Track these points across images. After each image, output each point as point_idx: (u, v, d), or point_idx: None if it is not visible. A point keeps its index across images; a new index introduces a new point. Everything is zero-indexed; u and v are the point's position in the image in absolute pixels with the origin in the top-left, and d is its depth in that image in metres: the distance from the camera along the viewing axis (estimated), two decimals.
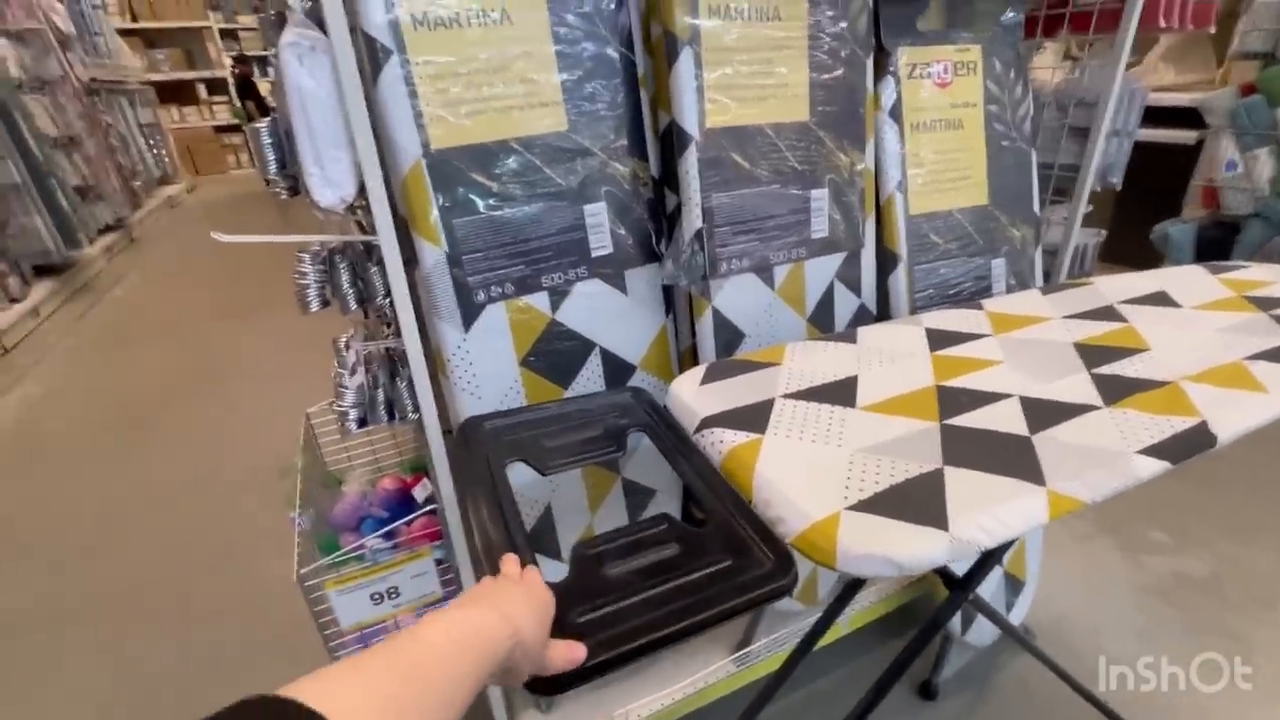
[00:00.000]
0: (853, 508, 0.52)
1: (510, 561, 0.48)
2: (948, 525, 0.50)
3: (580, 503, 0.97)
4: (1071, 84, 1.15)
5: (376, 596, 0.84)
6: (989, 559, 0.79)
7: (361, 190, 0.68)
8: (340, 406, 0.89)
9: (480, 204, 0.78)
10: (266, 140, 0.74)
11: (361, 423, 0.91)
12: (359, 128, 0.62)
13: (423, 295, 0.81)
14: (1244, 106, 1.96)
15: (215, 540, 1.71)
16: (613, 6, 0.80)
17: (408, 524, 0.98)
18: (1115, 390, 0.67)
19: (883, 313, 1.06)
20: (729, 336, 0.93)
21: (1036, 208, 1.12)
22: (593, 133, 0.83)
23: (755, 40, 0.84)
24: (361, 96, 0.62)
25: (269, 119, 0.74)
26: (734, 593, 0.44)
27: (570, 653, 0.42)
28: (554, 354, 0.88)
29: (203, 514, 1.83)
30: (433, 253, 0.77)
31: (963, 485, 0.54)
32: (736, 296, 0.92)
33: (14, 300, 3.10)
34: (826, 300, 1.00)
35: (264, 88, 5.86)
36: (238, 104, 6.01)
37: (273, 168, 0.75)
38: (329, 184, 0.64)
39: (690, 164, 0.83)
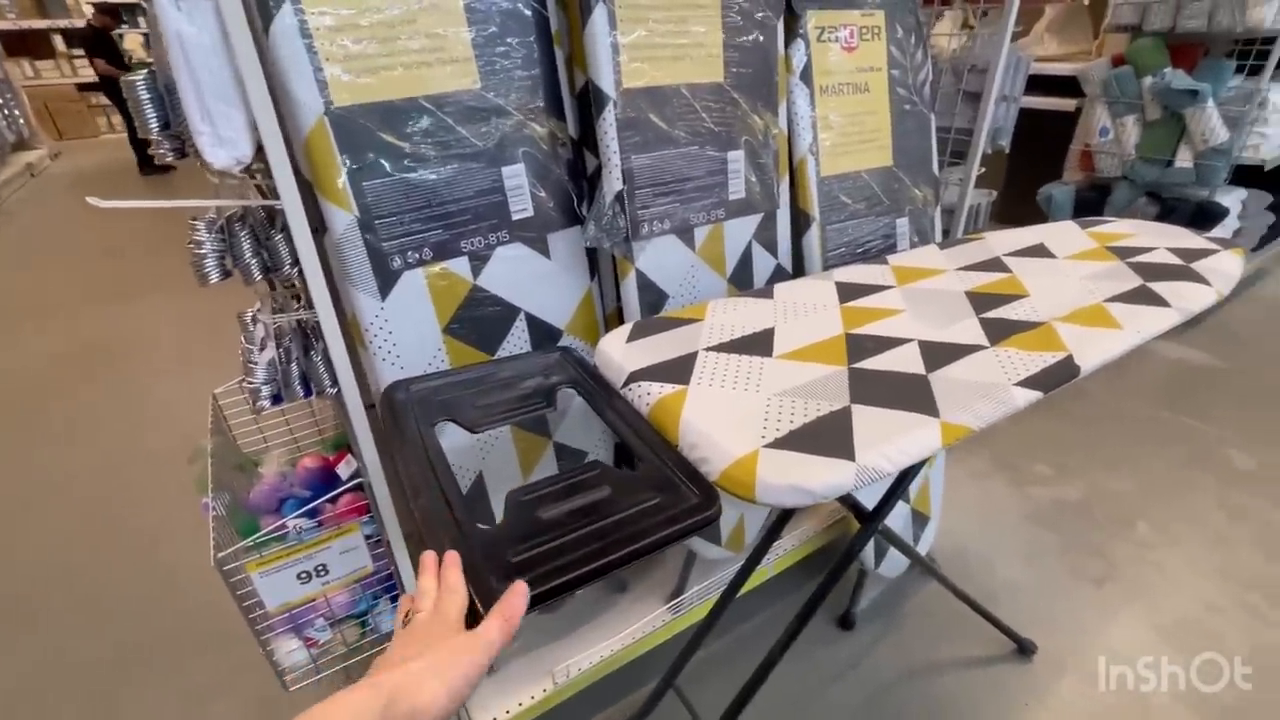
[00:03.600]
0: (770, 445, 0.56)
1: (427, 571, 0.46)
2: (854, 455, 0.54)
3: (511, 468, 0.97)
4: (966, 52, 1.23)
5: (304, 575, 0.82)
6: (895, 492, 0.86)
7: (260, 151, 0.64)
8: (251, 384, 0.85)
9: (391, 165, 0.75)
10: (144, 95, 0.68)
11: (276, 399, 0.87)
12: (251, 79, 0.58)
13: (334, 263, 0.78)
14: (1115, 76, 2.14)
15: (122, 530, 1.60)
16: None
17: (332, 501, 0.95)
18: (999, 332, 0.74)
19: (798, 272, 1.11)
20: (653, 298, 0.95)
21: (936, 169, 1.20)
22: (507, 91, 0.81)
23: None
24: (251, 44, 0.58)
25: (146, 70, 0.67)
26: (665, 524, 0.46)
27: (507, 611, 0.41)
28: (478, 320, 0.87)
29: (106, 504, 1.69)
30: (343, 218, 0.74)
31: (868, 420, 0.59)
32: (659, 258, 0.93)
33: None
34: (745, 261, 1.03)
35: (134, 41, 5.21)
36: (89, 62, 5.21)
37: (154, 125, 0.69)
38: (221, 143, 0.60)
39: (609, 125, 0.83)
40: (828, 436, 0.56)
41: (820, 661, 1.27)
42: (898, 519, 1.29)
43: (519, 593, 0.42)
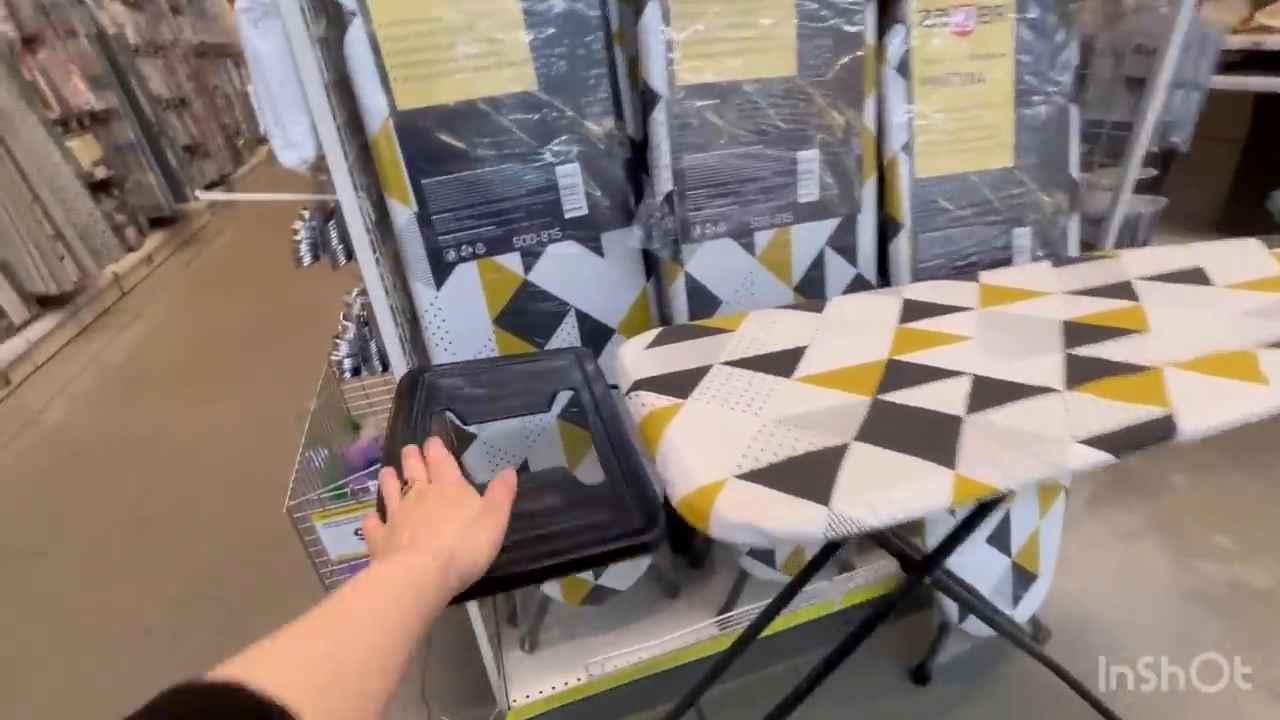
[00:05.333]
0: (742, 476, 0.52)
1: (411, 455, 0.51)
2: (829, 500, 0.48)
3: (557, 457, 1.00)
4: (1129, 28, 1.02)
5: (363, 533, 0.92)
6: (952, 542, 0.75)
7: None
8: (336, 356, 0.96)
9: (448, 165, 0.80)
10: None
11: (355, 371, 0.98)
12: (312, 90, 0.65)
13: (400, 254, 0.85)
14: None
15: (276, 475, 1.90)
16: None
17: None
18: (1083, 373, 0.61)
19: (883, 283, 1.00)
20: (703, 303, 0.91)
21: (1074, 171, 1.01)
22: (564, 92, 0.82)
23: None
24: (313, 58, 0.64)
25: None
26: (589, 544, 0.45)
27: (507, 479, 0.48)
28: (528, 314, 0.91)
29: (267, 449, 2.03)
30: (403, 212, 0.81)
31: (864, 461, 0.52)
32: (713, 262, 0.90)
33: (131, 249, 3.48)
34: (817, 268, 0.96)
35: None
36: None
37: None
38: (290, 146, 0.68)
39: (659, 123, 0.82)
40: (807, 474, 0.51)
41: (880, 712, 1.16)
42: (990, 573, 1.12)
43: (508, 477, 0.49)
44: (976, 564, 1.10)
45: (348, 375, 0.97)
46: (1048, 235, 1.02)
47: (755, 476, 0.52)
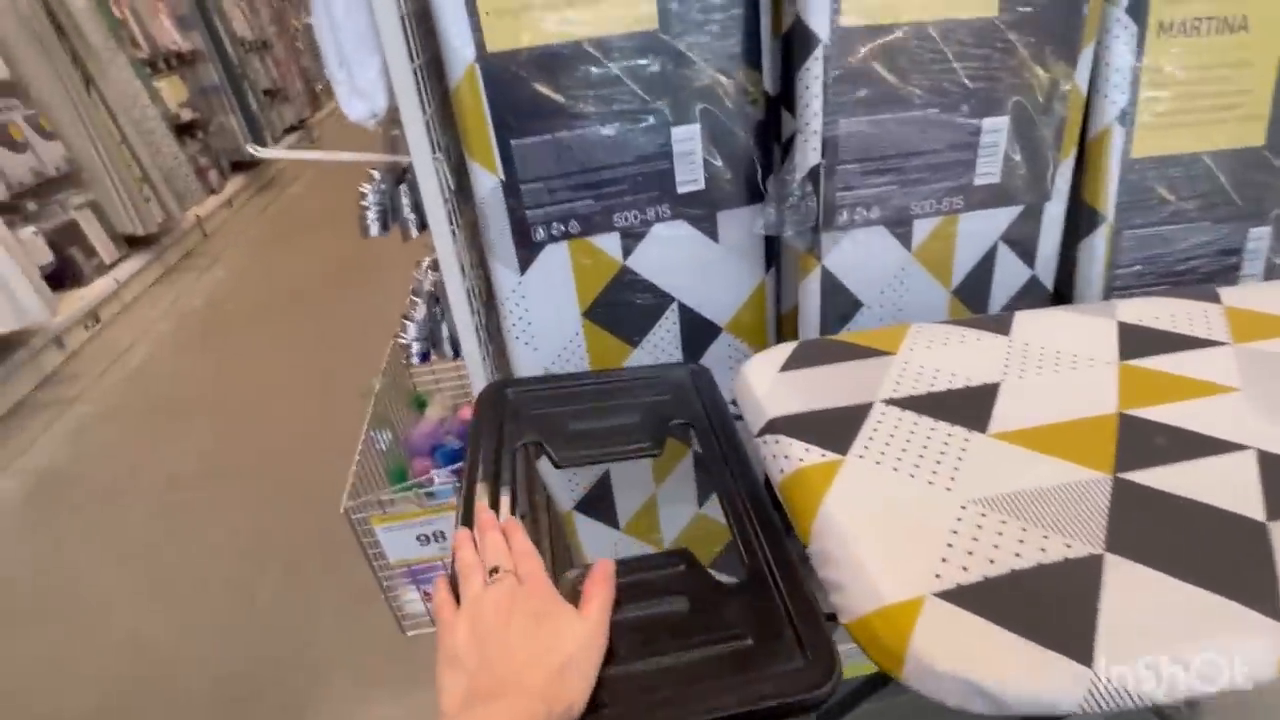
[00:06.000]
0: (945, 594, 0.36)
1: (488, 530, 0.41)
2: (1092, 657, 0.33)
3: (644, 472, 0.87)
4: None
5: (423, 538, 0.82)
6: None
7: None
8: (404, 339, 0.85)
9: (544, 123, 0.66)
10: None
11: (424, 357, 0.87)
12: (385, 22, 0.51)
13: (480, 228, 0.72)
14: None
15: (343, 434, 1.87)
16: None
17: None
18: None
19: (1063, 293, 0.80)
20: (842, 306, 0.74)
21: None
22: (692, 33, 0.66)
23: None
24: None
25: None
26: (736, 690, 0.32)
27: (605, 582, 0.37)
28: (623, 306, 0.76)
29: (335, 405, 2.00)
30: (487, 180, 0.67)
31: (1132, 592, 0.36)
32: (857, 255, 0.72)
33: (213, 192, 3.53)
34: (984, 268, 0.76)
35: None
36: None
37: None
38: (356, 94, 0.55)
39: (813, 76, 0.64)
40: (1049, 606, 0.35)
41: None
42: None
43: (606, 572, 0.38)
44: None
45: (416, 360, 0.86)
46: None
47: (966, 597, 0.36)
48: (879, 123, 0.66)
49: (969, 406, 0.52)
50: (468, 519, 0.42)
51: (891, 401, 0.53)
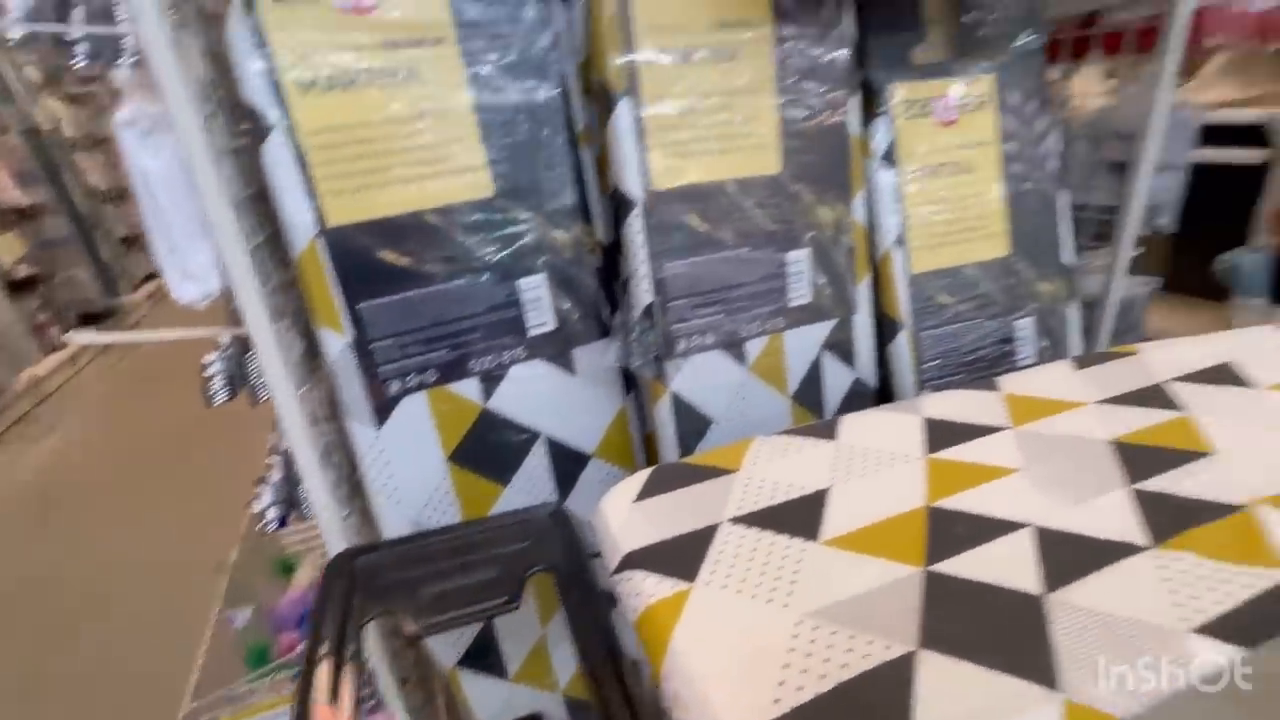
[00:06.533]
0: (786, 717, 0.38)
1: None
2: None
3: (529, 613, 0.84)
4: (1107, 113, 1.00)
5: None
6: None
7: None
8: (257, 506, 0.80)
9: (392, 285, 0.69)
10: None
11: (283, 521, 0.82)
12: (217, 213, 0.53)
13: (333, 389, 0.71)
14: None
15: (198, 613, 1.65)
16: (543, 54, 0.71)
17: None
18: (1166, 519, 0.51)
19: (884, 387, 0.91)
20: (694, 424, 0.80)
21: (1068, 257, 0.96)
22: (525, 198, 0.73)
23: (709, 85, 0.72)
24: (216, 178, 0.53)
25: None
26: None
27: None
28: (490, 447, 0.77)
29: (190, 583, 1.78)
30: (335, 341, 0.68)
31: (942, 686, 0.39)
32: (700, 377, 0.79)
33: (55, 349, 3.21)
34: (813, 376, 0.86)
35: None
36: None
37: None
38: (188, 278, 0.55)
39: (636, 231, 0.72)
40: (870, 712, 0.38)
41: None
42: None
43: None
44: None
45: (272, 526, 0.81)
46: (1049, 324, 0.96)
47: (803, 716, 0.38)
48: (699, 264, 0.75)
49: (803, 516, 0.56)
50: (303, 716, 0.39)
51: (736, 519, 0.56)
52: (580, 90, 0.73)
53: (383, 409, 0.71)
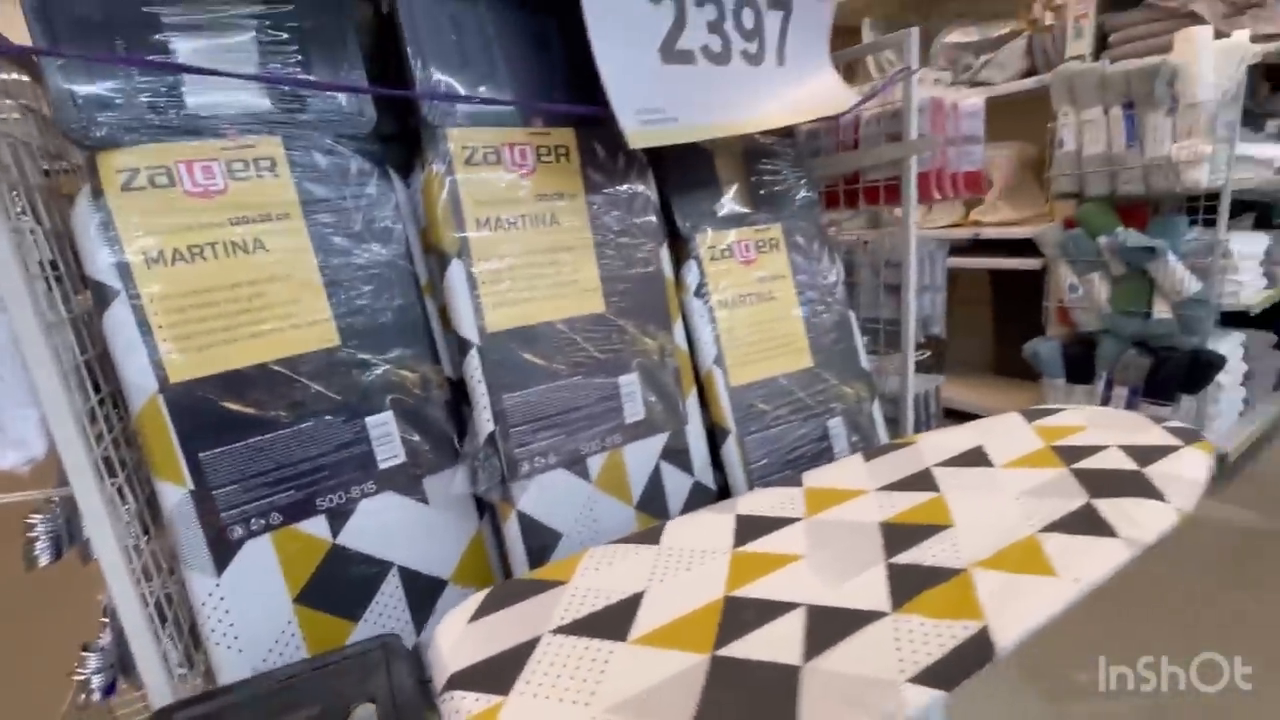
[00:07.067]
0: None
1: None
2: None
3: None
4: (878, 246, 1.23)
5: None
6: None
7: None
8: (81, 674, 0.76)
9: (235, 434, 0.72)
10: None
11: (109, 690, 0.77)
12: (45, 383, 0.57)
13: (171, 540, 0.72)
14: (1069, 239, 2.16)
15: None
16: (386, 223, 0.81)
17: None
18: (906, 586, 0.62)
19: (722, 487, 1.02)
20: (543, 539, 0.86)
21: (864, 363, 1.14)
22: (371, 344, 0.80)
23: (533, 244, 0.86)
24: (47, 349, 0.57)
25: None
26: None
27: None
28: (339, 583, 0.79)
29: None
30: (173, 493, 0.70)
31: None
32: (547, 495, 0.86)
33: None
34: (655, 484, 0.95)
35: None
36: None
37: None
38: (10, 445, 0.57)
39: (474, 368, 0.81)
40: None
41: None
42: None
43: None
44: None
45: (97, 696, 0.76)
46: (856, 421, 1.12)
47: None
48: (537, 392, 0.85)
49: (616, 618, 0.63)
50: None
51: (558, 630, 0.62)
52: (423, 249, 0.84)
53: (223, 556, 0.72)
